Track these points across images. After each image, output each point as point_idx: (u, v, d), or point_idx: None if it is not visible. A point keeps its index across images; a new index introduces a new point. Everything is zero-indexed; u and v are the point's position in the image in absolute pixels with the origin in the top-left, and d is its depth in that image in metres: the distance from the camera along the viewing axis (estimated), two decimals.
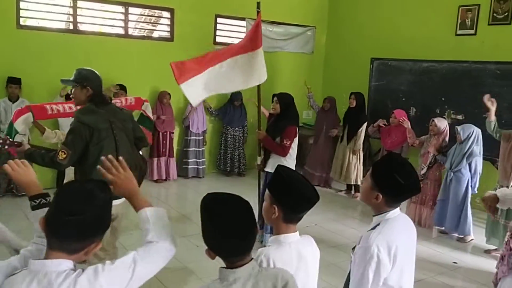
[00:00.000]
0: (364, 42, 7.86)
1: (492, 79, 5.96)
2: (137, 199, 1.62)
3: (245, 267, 1.49)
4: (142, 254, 1.48)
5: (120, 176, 1.62)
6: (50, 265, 1.36)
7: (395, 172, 1.83)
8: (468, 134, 5.03)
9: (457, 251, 4.97)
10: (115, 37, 6.70)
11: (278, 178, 1.81)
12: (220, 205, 1.52)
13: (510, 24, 5.96)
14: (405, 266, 1.93)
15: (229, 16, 7.63)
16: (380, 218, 1.93)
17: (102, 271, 1.39)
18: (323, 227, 5.18)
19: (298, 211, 1.80)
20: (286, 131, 4.32)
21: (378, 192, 1.88)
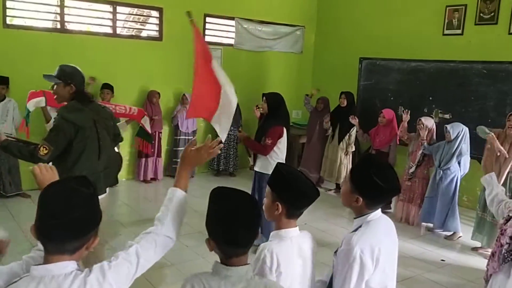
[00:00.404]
0: (352, 41, 7.90)
1: (479, 79, 6.03)
2: (184, 173, 1.72)
3: (240, 268, 1.52)
4: (144, 245, 1.51)
5: (204, 154, 1.75)
6: (55, 269, 1.34)
7: (374, 175, 1.82)
8: (457, 132, 5.09)
9: (444, 248, 5.02)
10: (103, 36, 6.65)
11: (279, 175, 1.85)
12: (230, 193, 1.58)
13: (496, 24, 6.03)
14: (387, 267, 1.92)
15: (218, 16, 7.62)
16: (362, 220, 1.91)
17: (109, 269, 1.40)
18: (313, 226, 5.20)
19: (301, 207, 1.85)
20: (270, 130, 4.34)
21: (357, 195, 1.87)
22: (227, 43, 7.80)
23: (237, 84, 7.93)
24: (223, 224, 1.51)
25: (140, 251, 1.49)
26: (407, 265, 4.50)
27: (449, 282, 4.25)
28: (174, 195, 1.66)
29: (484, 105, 5.99)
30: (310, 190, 1.84)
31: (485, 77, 5.97)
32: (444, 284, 4.20)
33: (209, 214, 1.56)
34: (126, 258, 1.46)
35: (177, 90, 7.22)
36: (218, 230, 1.52)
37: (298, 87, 8.40)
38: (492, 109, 5.90)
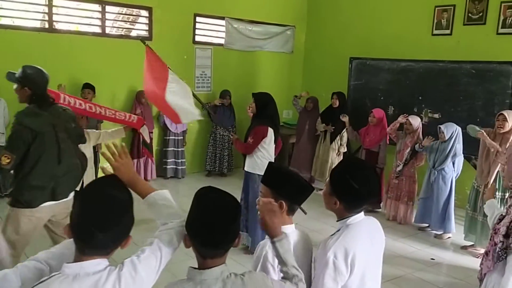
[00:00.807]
0: (343, 41, 7.93)
1: (468, 78, 6.08)
2: (141, 186, 1.69)
3: (213, 270, 1.50)
4: (164, 239, 1.56)
5: (122, 162, 1.67)
6: (90, 266, 1.37)
7: (350, 177, 1.78)
8: (451, 133, 5.10)
9: (434, 247, 5.05)
10: (92, 36, 6.59)
11: (275, 172, 1.89)
12: (212, 194, 1.57)
13: (485, 24, 6.09)
14: (367, 272, 1.86)
15: (208, 15, 7.59)
16: (342, 223, 1.88)
17: (139, 263, 1.46)
18: (304, 226, 5.19)
19: (301, 200, 1.90)
20: (254, 130, 4.36)
21: (336, 199, 1.83)
22: (217, 43, 7.78)
23: (227, 84, 8.02)
24: (200, 225, 1.49)
25: (162, 245, 1.54)
26: (397, 264, 4.52)
27: (439, 281, 4.27)
28: (153, 200, 1.67)
29: (473, 104, 6.04)
30: (305, 182, 1.91)
31: (474, 77, 6.02)
32: (434, 283, 4.22)
33: (191, 212, 1.55)
34: (152, 251, 1.51)
35: None
36: (195, 230, 1.51)
37: (289, 87, 8.41)
38: (480, 109, 5.95)
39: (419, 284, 4.18)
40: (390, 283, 4.08)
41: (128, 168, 1.67)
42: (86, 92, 6.03)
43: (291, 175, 1.89)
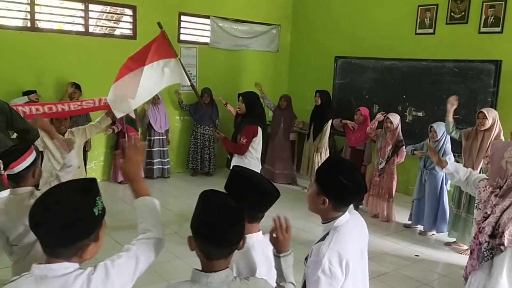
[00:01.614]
0: (328, 40, 7.96)
1: (450, 77, 6.16)
2: (139, 184, 1.69)
3: (220, 273, 1.49)
4: (141, 247, 1.54)
5: (135, 158, 1.69)
6: (58, 268, 1.35)
7: (338, 173, 1.79)
8: (442, 132, 5.10)
9: (418, 244, 5.11)
10: (75, 34, 6.51)
11: (236, 177, 1.82)
12: (218, 194, 1.58)
13: (467, 23, 6.17)
14: (358, 272, 1.89)
15: (193, 14, 7.56)
16: (329, 226, 1.87)
17: (112, 267, 1.43)
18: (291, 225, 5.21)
19: (262, 209, 1.80)
20: (244, 129, 4.34)
21: (324, 197, 1.82)
22: (203, 41, 7.75)
23: (213, 83, 8.00)
24: (206, 224, 1.48)
25: (139, 253, 1.52)
26: (382, 261, 4.57)
27: (423, 277, 4.32)
28: (144, 203, 1.66)
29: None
30: (271, 189, 1.81)
31: (456, 76, 6.10)
32: (419, 279, 4.27)
33: (195, 213, 1.53)
34: (128, 257, 1.49)
35: None
36: (201, 230, 1.49)
37: (274, 86, 8.42)
38: (463, 107, 6.01)
39: (404, 281, 4.23)
40: (376, 280, 4.12)
41: (137, 165, 1.70)
42: (72, 92, 5.97)
43: (253, 181, 1.79)
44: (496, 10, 5.89)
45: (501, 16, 5.84)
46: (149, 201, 1.67)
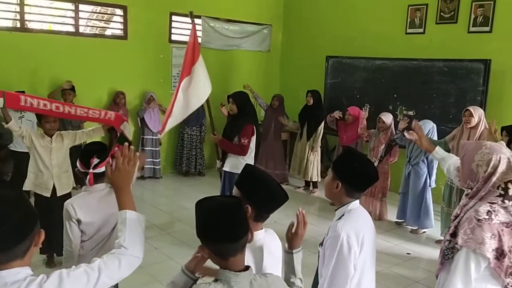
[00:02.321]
0: (319, 40, 7.99)
1: (440, 76, 6.21)
2: (125, 196, 1.62)
3: (246, 273, 1.51)
4: (108, 262, 1.47)
5: (126, 168, 1.62)
6: (8, 275, 1.30)
7: (353, 160, 2.05)
8: (428, 129, 5.17)
9: (410, 242, 5.15)
10: (65, 35, 6.47)
11: (249, 177, 1.85)
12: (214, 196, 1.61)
13: (456, 23, 6.23)
14: (368, 256, 2.05)
15: (184, 14, 7.52)
16: (343, 209, 2.05)
17: (67, 277, 1.36)
18: (283, 224, 5.19)
19: (270, 210, 1.84)
20: (244, 130, 4.33)
21: (337, 181, 2.02)
22: None
23: None
24: (213, 221, 1.50)
25: (103, 267, 1.45)
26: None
27: (415, 275, 4.36)
28: (125, 217, 1.59)
29: (446, 102, 6.18)
30: (280, 192, 1.84)
31: (446, 75, 6.16)
32: (410, 277, 4.31)
33: (197, 221, 1.53)
34: (87, 270, 1.42)
35: (143, 90, 7.11)
36: (209, 229, 1.50)
37: (266, 86, 8.43)
38: (453, 106, 6.09)
39: (396, 279, 4.26)
40: None
41: (127, 176, 1.63)
42: (67, 93, 5.95)
43: (265, 182, 1.82)
44: (485, 9, 5.95)
45: (490, 16, 5.91)
46: (131, 216, 1.59)
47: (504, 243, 1.86)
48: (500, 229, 1.87)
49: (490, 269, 1.87)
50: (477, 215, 1.88)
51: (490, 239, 1.84)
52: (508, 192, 1.90)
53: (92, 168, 2.55)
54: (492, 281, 1.90)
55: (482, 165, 1.94)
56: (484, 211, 1.88)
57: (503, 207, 1.89)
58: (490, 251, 1.84)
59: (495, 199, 1.91)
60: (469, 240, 1.87)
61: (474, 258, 1.86)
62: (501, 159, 1.91)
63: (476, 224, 1.87)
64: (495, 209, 1.89)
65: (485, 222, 1.86)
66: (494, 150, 1.94)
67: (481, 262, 1.86)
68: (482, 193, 1.94)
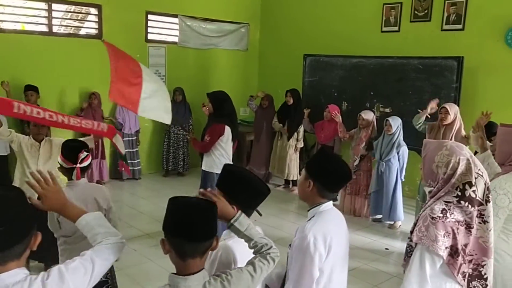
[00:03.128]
0: (296, 38, 8.03)
1: (415, 74, 6.31)
2: (70, 210, 1.66)
3: (197, 275, 1.48)
4: (97, 251, 1.53)
5: (50, 189, 1.62)
6: (8, 277, 1.30)
7: (325, 160, 2.07)
8: (397, 125, 5.32)
9: (388, 238, 5.23)
10: (38, 35, 6.34)
11: (229, 176, 1.85)
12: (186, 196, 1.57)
13: (430, 21, 6.34)
14: (337, 259, 2.02)
15: (160, 13, 7.48)
16: (315, 210, 2.04)
17: (66, 271, 1.40)
18: (263, 222, 5.21)
19: (254, 205, 1.86)
20: (210, 128, 4.37)
21: (309, 180, 2.01)
22: (171, 41, 7.69)
23: (183, 82, 7.95)
24: (177, 220, 1.48)
25: (95, 255, 1.51)
26: (353, 255, 4.60)
27: (393, 270, 4.43)
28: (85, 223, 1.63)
29: (421, 98, 6.27)
30: (262, 186, 1.88)
31: (421, 72, 6.26)
32: (389, 272, 4.38)
33: (166, 216, 1.51)
34: (82, 262, 1.47)
35: None
36: (173, 226, 1.48)
37: (245, 84, 8.44)
38: (428, 103, 6.18)
39: (375, 274, 4.32)
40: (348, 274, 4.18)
41: (57, 195, 1.63)
42: (29, 94, 5.80)
43: (246, 180, 1.84)
44: (457, 8, 6.07)
45: (462, 14, 6.03)
46: (89, 218, 1.64)
47: (458, 241, 1.86)
48: (455, 227, 1.87)
49: (446, 266, 1.88)
50: (432, 213, 1.89)
51: (443, 236, 1.85)
52: (465, 194, 1.89)
53: (79, 162, 2.66)
54: (450, 278, 1.91)
55: (441, 167, 1.93)
56: (439, 209, 1.88)
57: (458, 206, 1.90)
58: (443, 248, 1.84)
59: (451, 199, 1.91)
60: (424, 237, 1.88)
61: (428, 255, 1.87)
62: (460, 161, 1.90)
63: (430, 221, 1.88)
64: (450, 208, 1.89)
65: (439, 220, 1.86)
66: (454, 151, 1.93)
67: (436, 259, 1.87)
68: (441, 193, 1.94)
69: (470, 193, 1.89)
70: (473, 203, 1.89)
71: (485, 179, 1.94)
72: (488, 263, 1.94)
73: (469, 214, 1.89)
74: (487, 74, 5.86)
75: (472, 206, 1.89)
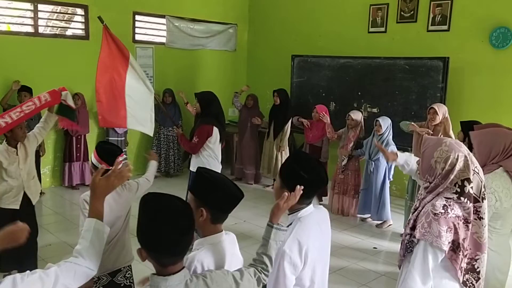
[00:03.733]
0: (284, 39, 8.05)
1: (402, 74, 6.37)
2: (99, 204, 1.66)
3: (178, 275, 1.46)
4: (64, 270, 1.46)
5: (113, 181, 1.71)
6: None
7: (298, 167, 1.94)
8: (387, 125, 5.36)
9: (376, 237, 5.27)
10: (24, 36, 6.27)
11: (201, 179, 1.79)
12: (160, 201, 1.50)
13: (416, 21, 6.41)
14: (317, 263, 2.00)
15: (148, 14, 7.44)
16: (294, 217, 2.00)
17: (21, 282, 1.35)
18: (252, 223, 5.23)
19: (226, 210, 1.79)
20: (198, 129, 4.36)
21: (286, 190, 1.90)
22: (159, 41, 7.65)
23: (171, 83, 7.92)
24: (156, 235, 1.41)
25: (60, 274, 1.44)
26: (341, 255, 4.67)
27: (381, 269, 4.46)
28: (91, 226, 1.61)
29: (408, 99, 6.35)
30: (235, 191, 1.80)
31: (407, 72, 6.32)
32: (377, 271, 4.40)
33: (141, 223, 1.46)
34: (42, 277, 1.39)
35: None
36: (152, 242, 1.42)
37: (233, 85, 8.42)
38: (414, 103, 6.26)
39: (363, 273, 4.34)
40: (336, 274, 4.21)
41: (109, 188, 1.71)
42: (22, 95, 5.75)
43: (218, 184, 1.77)
44: (443, 9, 6.14)
45: (447, 15, 6.10)
46: (98, 227, 1.62)
47: (460, 236, 1.93)
48: (456, 222, 1.93)
49: (447, 261, 1.94)
50: (434, 209, 1.93)
51: (446, 232, 1.90)
52: (464, 190, 1.94)
53: None
54: (449, 272, 1.98)
55: (440, 162, 1.98)
56: (440, 205, 1.94)
57: (458, 202, 1.95)
58: (446, 243, 1.90)
59: (451, 195, 1.96)
60: (426, 233, 1.93)
61: (432, 250, 1.92)
62: (459, 157, 1.95)
63: (432, 218, 1.93)
64: (451, 204, 1.95)
65: (441, 216, 1.92)
66: (453, 148, 1.98)
67: (438, 255, 1.92)
68: (440, 189, 1.98)
69: (469, 189, 1.95)
70: (471, 200, 1.96)
71: (481, 176, 2.00)
72: (482, 258, 2.01)
73: (467, 210, 1.96)
74: (472, 74, 5.94)
75: (471, 202, 1.96)
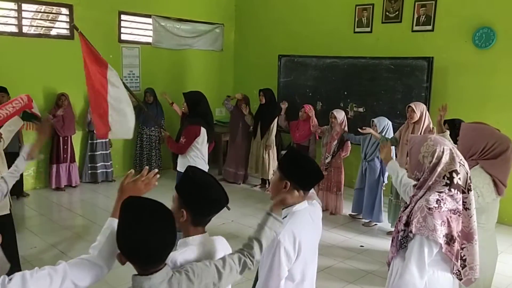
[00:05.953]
0: (271, 39, 8.07)
1: (387, 74, 6.43)
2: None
3: (160, 273, 1.43)
4: (75, 267, 1.46)
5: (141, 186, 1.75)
6: None
7: (298, 160, 2.06)
8: (383, 126, 5.34)
9: (363, 235, 5.31)
10: (7, 36, 6.19)
11: (187, 180, 1.75)
12: (142, 205, 1.45)
13: (401, 22, 6.47)
14: (308, 257, 2.05)
15: (134, 13, 7.40)
16: (288, 210, 2.04)
17: (30, 279, 1.35)
18: (240, 223, 5.24)
19: (207, 214, 1.74)
20: (186, 129, 4.36)
21: (286, 181, 2.00)
22: (145, 41, 7.61)
23: (157, 83, 7.89)
24: (137, 243, 1.38)
25: (69, 271, 1.43)
26: (328, 253, 4.70)
27: (368, 267, 4.49)
28: (110, 225, 1.63)
29: (393, 98, 6.41)
30: (219, 196, 1.75)
31: (393, 72, 6.38)
32: (364, 269, 4.44)
33: (120, 229, 1.42)
34: (51, 273, 1.40)
35: None
36: (132, 249, 1.40)
37: (220, 85, 8.43)
38: (399, 102, 6.32)
39: (350, 272, 4.37)
40: (323, 273, 4.23)
41: (136, 191, 1.73)
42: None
43: (204, 186, 1.72)
44: (427, 9, 6.22)
45: (432, 15, 6.18)
46: (113, 223, 1.62)
47: (453, 229, 2.01)
48: (448, 216, 2.01)
49: (441, 253, 2.02)
50: (428, 204, 2.01)
51: (440, 225, 1.98)
52: (453, 181, 2.04)
53: None
54: (443, 265, 2.07)
55: (427, 156, 2.08)
56: (434, 200, 2.02)
57: (449, 195, 2.03)
58: (441, 237, 1.98)
59: (442, 189, 2.04)
60: (422, 228, 2.00)
61: (427, 244, 2.00)
62: (444, 150, 2.06)
63: (427, 212, 2.00)
64: (443, 198, 2.02)
65: (435, 210, 1.99)
66: (438, 142, 2.09)
67: (433, 248, 2.00)
68: (429, 182, 2.07)
69: (457, 180, 2.04)
70: (460, 190, 2.05)
71: (466, 168, 2.09)
72: (468, 247, 2.11)
73: (458, 201, 2.04)
74: (456, 74, 6.02)
75: (460, 193, 2.05)
